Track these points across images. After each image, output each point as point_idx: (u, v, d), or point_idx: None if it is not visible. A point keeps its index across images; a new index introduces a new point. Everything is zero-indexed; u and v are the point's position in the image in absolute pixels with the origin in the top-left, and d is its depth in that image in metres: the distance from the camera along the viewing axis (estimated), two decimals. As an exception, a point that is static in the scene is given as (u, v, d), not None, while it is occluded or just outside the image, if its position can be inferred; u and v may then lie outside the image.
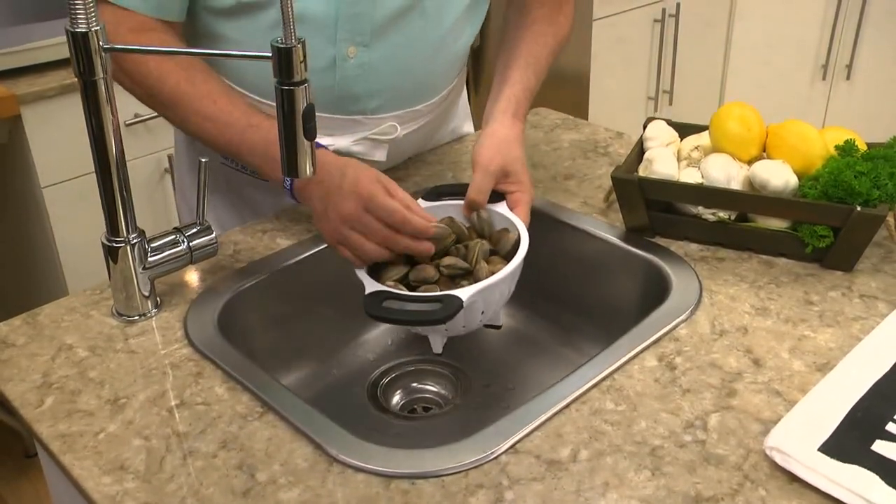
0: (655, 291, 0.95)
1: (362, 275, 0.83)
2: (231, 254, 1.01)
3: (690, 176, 0.99)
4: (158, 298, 0.92)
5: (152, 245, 0.89)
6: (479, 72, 2.15)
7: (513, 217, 0.90)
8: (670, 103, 2.91)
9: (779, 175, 0.94)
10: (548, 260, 1.10)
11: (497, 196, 0.92)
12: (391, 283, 0.82)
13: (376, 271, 0.86)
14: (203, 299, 0.93)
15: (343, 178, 0.87)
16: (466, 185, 0.92)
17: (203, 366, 0.83)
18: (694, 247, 1.00)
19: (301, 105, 0.73)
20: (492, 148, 0.92)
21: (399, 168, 1.20)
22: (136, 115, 1.86)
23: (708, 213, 0.98)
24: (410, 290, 0.84)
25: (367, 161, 1.09)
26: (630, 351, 0.83)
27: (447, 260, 0.85)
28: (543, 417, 0.75)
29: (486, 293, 0.81)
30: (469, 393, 1.01)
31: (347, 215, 0.86)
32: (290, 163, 0.76)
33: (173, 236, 0.90)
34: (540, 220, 1.08)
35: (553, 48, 1.06)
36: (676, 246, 1.00)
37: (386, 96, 1.07)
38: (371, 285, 0.81)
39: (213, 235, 0.92)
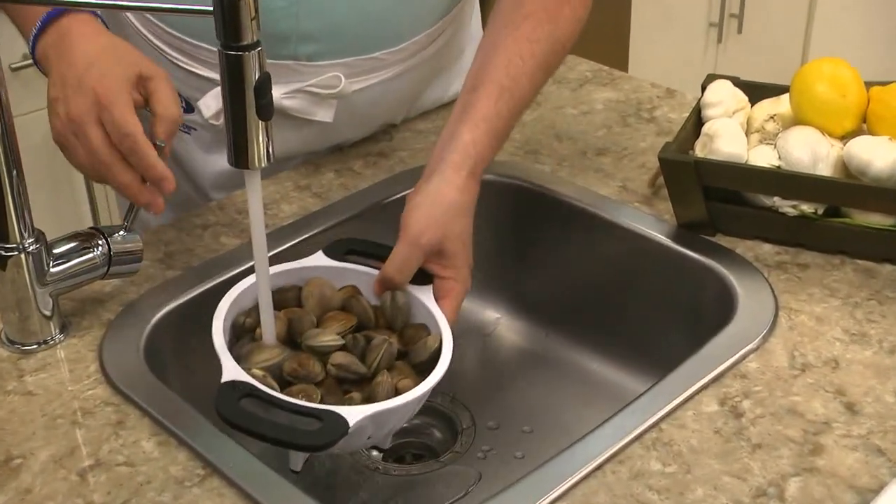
0: (716, 309, 0.95)
1: (221, 348, 0.79)
2: (161, 258, 1.01)
3: (764, 156, 0.99)
4: (65, 320, 0.92)
5: (55, 251, 0.89)
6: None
7: (437, 312, 0.86)
8: (739, 31, 2.90)
9: (883, 155, 0.95)
10: (575, 264, 1.10)
11: (424, 276, 0.89)
12: (258, 372, 0.79)
13: (242, 344, 0.83)
14: (124, 320, 0.93)
15: (89, 68, 0.88)
16: (389, 248, 0.89)
17: (125, 411, 0.83)
18: (768, 249, 1.00)
19: (252, 75, 0.73)
20: (429, 215, 0.88)
21: (380, 138, 1.21)
22: (25, 57, 1.85)
23: (787, 206, 0.98)
24: (282, 385, 0.80)
25: (311, 122, 1.11)
26: (683, 391, 0.84)
27: (338, 357, 0.82)
28: (569, 482, 0.76)
29: (380, 418, 0.78)
30: (473, 437, 1.02)
31: (75, 117, 0.87)
32: (238, 148, 0.77)
33: (83, 239, 0.90)
34: (566, 211, 1.09)
35: (544, 59, 0.97)
36: (744, 247, 1.00)
37: (325, 39, 1.07)
38: (230, 370, 0.77)
39: (137, 237, 0.92)
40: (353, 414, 0.75)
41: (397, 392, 0.80)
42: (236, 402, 0.75)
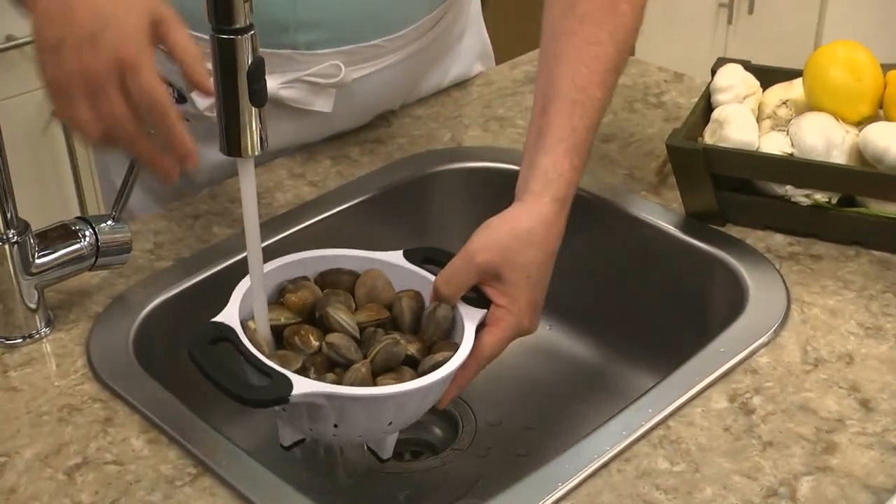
0: (726, 302, 0.95)
1: (237, 294, 0.81)
2: (150, 248, 1.01)
3: (775, 143, 0.99)
4: (51, 313, 0.92)
5: (41, 241, 0.89)
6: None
7: (469, 335, 0.84)
8: (750, 12, 2.90)
9: (899, 142, 0.95)
10: (579, 254, 1.10)
11: (484, 301, 0.87)
12: (252, 325, 0.80)
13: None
14: (112, 313, 0.93)
15: (106, 24, 0.80)
16: None
17: (114, 408, 0.83)
18: (779, 239, 1.00)
19: (245, 60, 0.73)
20: (493, 235, 0.86)
21: (378, 124, 1.21)
22: (9, 38, 1.85)
23: (800, 195, 0.98)
24: (277, 347, 0.83)
25: (309, 112, 1.11)
26: (691, 387, 0.84)
27: (334, 337, 0.82)
28: (574, 481, 0.76)
29: (338, 403, 0.77)
30: (473, 434, 1.02)
31: (94, 73, 0.80)
32: (231, 135, 0.76)
33: (69, 229, 0.90)
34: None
35: (612, 59, 0.92)
36: (755, 238, 1.00)
37: (325, 27, 1.07)
38: (225, 314, 0.79)
39: (125, 227, 0.92)
40: (303, 384, 0.75)
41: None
42: (208, 343, 0.77)
